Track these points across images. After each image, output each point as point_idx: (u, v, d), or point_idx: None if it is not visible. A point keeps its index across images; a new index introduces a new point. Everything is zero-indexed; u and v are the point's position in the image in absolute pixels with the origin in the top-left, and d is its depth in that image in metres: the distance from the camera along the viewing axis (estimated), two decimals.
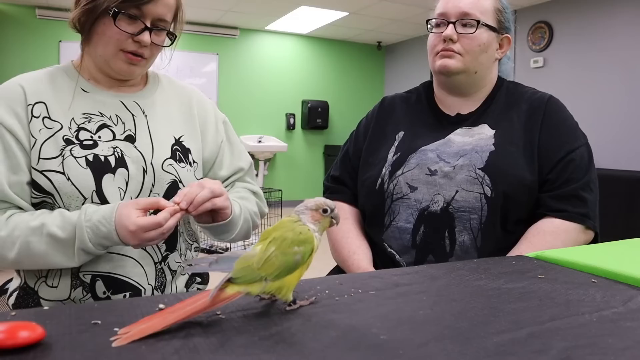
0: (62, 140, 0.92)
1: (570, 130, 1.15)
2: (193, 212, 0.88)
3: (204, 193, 0.89)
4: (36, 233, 0.86)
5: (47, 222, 0.86)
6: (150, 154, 0.98)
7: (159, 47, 0.99)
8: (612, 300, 0.64)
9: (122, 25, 0.92)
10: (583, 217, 1.08)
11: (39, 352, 0.44)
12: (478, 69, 1.17)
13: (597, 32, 4.59)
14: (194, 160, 1.05)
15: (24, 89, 0.94)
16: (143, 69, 1.01)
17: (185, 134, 1.06)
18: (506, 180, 1.08)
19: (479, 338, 0.50)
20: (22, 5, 5.54)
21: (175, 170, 1.00)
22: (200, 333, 0.50)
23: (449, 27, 1.14)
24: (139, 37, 0.93)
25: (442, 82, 1.22)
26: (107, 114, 0.98)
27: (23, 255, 0.86)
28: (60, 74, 1.00)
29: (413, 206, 1.12)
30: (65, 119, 0.94)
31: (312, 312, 0.57)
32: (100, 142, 0.95)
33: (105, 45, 0.95)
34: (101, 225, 0.85)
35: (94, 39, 0.96)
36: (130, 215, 0.83)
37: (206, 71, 6.42)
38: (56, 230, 0.86)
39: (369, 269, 1.13)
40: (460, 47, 1.14)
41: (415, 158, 1.16)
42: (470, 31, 1.14)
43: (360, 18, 5.93)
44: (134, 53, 0.95)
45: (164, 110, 1.06)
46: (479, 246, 1.08)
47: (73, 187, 0.90)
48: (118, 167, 0.94)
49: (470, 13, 1.13)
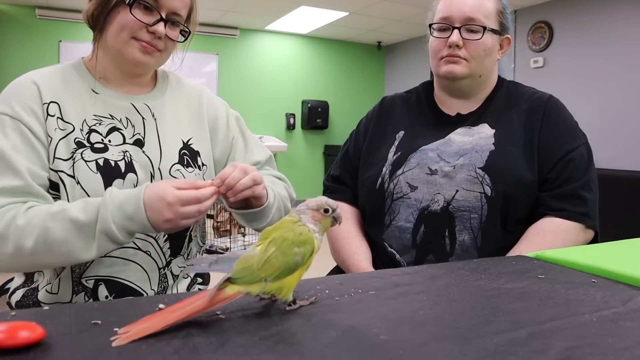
0: (73, 142, 0.91)
1: (570, 130, 1.15)
2: (231, 198, 0.86)
3: (246, 181, 0.86)
4: (56, 218, 0.81)
5: (68, 207, 0.82)
6: (158, 159, 0.97)
7: (172, 43, 0.98)
8: (612, 300, 0.64)
9: (138, 14, 0.92)
10: (583, 216, 1.08)
11: (39, 352, 0.44)
12: (483, 72, 1.17)
13: (597, 32, 4.59)
14: (203, 163, 1.04)
15: (38, 86, 0.92)
16: (157, 62, 0.99)
17: (194, 136, 1.05)
18: (506, 180, 1.08)
19: (479, 338, 0.50)
20: (22, 5, 5.54)
21: (182, 175, 0.99)
22: (200, 333, 0.50)
23: (455, 33, 1.13)
24: (154, 27, 0.93)
25: (446, 86, 1.21)
26: (118, 117, 0.97)
27: (41, 243, 0.80)
28: (72, 73, 0.98)
29: (413, 205, 1.12)
30: (78, 121, 0.93)
31: (312, 312, 0.57)
32: (111, 146, 0.94)
33: (118, 33, 0.93)
34: (127, 203, 0.81)
35: (108, 31, 0.94)
36: (166, 189, 0.80)
37: (206, 71, 6.42)
38: (77, 213, 0.81)
39: (368, 269, 1.13)
40: (466, 52, 1.14)
41: (415, 157, 1.16)
42: (476, 37, 1.13)
43: (360, 18, 5.93)
44: (148, 43, 0.94)
45: (173, 112, 1.05)
46: (479, 245, 1.08)
47: (82, 191, 0.89)
48: (128, 172, 0.93)
49: (476, 18, 1.13)
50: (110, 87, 0.99)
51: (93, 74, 0.99)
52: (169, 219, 0.80)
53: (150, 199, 0.80)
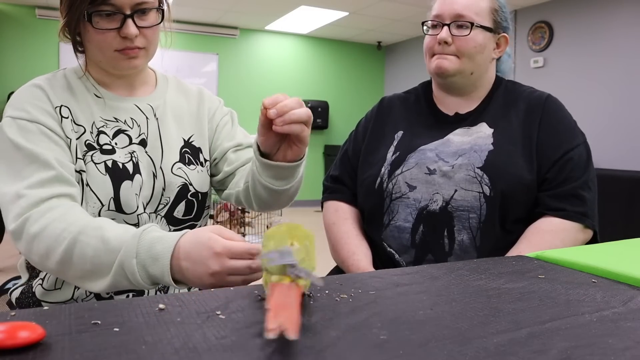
0: (84, 145, 0.91)
1: (568, 129, 1.15)
2: (279, 126, 0.76)
3: (301, 112, 0.77)
4: (90, 233, 0.77)
5: (107, 224, 0.79)
6: (159, 159, 0.98)
7: (153, 31, 0.94)
8: (612, 300, 0.64)
9: (102, 24, 0.88)
10: (582, 216, 1.08)
11: (39, 352, 0.44)
12: (474, 69, 1.17)
13: (597, 32, 4.59)
14: (205, 159, 1.05)
15: (45, 92, 0.92)
16: (145, 57, 0.96)
17: (195, 133, 1.05)
18: (505, 179, 1.08)
19: (479, 338, 0.50)
20: (22, 5, 5.54)
21: (184, 173, 0.99)
22: (200, 333, 0.50)
23: (444, 30, 1.15)
24: (123, 31, 0.88)
25: (439, 82, 1.22)
26: (122, 119, 0.97)
27: (68, 253, 0.77)
28: (74, 79, 0.98)
29: (412, 205, 1.12)
30: (87, 123, 0.93)
31: (312, 312, 0.57)
32: (117, 148, 0.94)
33: (98, 51, 0.92)
34: (159, 242, 0.73)
35: (88, 48, 0.94)
36: (212, 236, 0.70)
37: (206, 71, 6.42)
38: (111, 234, 0.76)
39: (368, 269, 1.13)
40: (455, 49, 1.15)
41: (414, 157, 1.16)
42: (464, 33, 1.14)
43: (360, 18, 5.93)
44: (127, 49, 0.91)
45: (174, 111, 1.05)
46: (477, 245, 1.08)
47: (92, 192, 0.89)
48: (135, 173, 0.93)
49: (465, 14, 1.14)
50: (112, 91, 0.99)
51: (92, 78, 0.99)
52: (216, 272, 0.69)
53: (190, 246, 0.71)
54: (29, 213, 0.81)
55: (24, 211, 0.81)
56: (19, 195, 0.82)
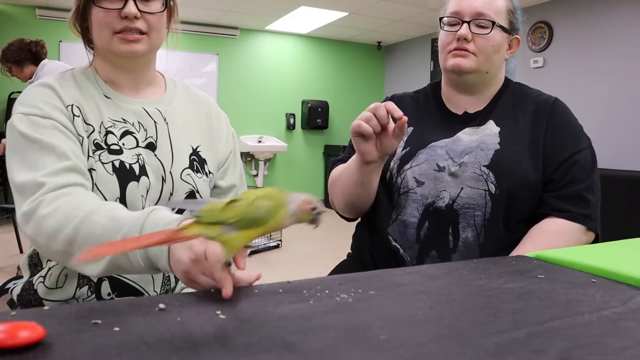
0: (92, 144, 0.92)
1: (575, 133, 1.16)
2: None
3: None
4: (101, 213, 0.77)
5: (120, 207, 0.80)
6: (169, 163, 0.98)
7: (156, 19, 0.95)
8: (612, 300, 0.64)
9: (105, 4, 0.91)
10: (586, 218, 1.09)
11: (39, 352, 0.44)
12: (490, 69, 1.18)
13: (597, 32, 4.59)
14: (209, 171, 1.05)
15: (56, 90, 0.92)
16: (148, 46, 0.96)
17: (201, 144, 1.06)
18: (511, 178, 1.09)
19: (479, 338, 0.50)
20: (22, 5, 5.54)
21: (193, 180, 0.99)
22: (200, 333, 0.50)
23: (464, 27, 1.14)
24: (123, 10, 0.90)
25: (453, 80, 1.22)
26: (130, 121, 0.97)
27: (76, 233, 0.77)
28: (82, 78, 0.98)
29: (419, 201, 1.13)
30: (96, 123, 0.94)
31: (312, 312, 0.57)
32: (125, 149, 0.94)
33: (99, 33, 0.93)
34: (164, 220, 0.74)
35: (93, 35, 0.95)
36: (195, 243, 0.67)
37: (206, 71, 6.41)
38: (121, 214, 0.77)
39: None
40: (475, 47, 1.15)
41: (424, 153, 1.17)
42: (485, 32, 1.14)
43: (360, 18, 5.93)
44: (127, 30, 0.92)
45: (183, 118, 1.05)
46: (481, 243, 1.09)
47: (98, 191, 0.89)
48: (141, 175, 0.93)
49: (485, 13, 1.14)
50: (121, 92, 0.99)
51: (100, 78, 0.99)
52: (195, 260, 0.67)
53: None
54: (43, 197, 0.81)
55: (38, 196, 0.81)
56: (35, 182, 0.82)
